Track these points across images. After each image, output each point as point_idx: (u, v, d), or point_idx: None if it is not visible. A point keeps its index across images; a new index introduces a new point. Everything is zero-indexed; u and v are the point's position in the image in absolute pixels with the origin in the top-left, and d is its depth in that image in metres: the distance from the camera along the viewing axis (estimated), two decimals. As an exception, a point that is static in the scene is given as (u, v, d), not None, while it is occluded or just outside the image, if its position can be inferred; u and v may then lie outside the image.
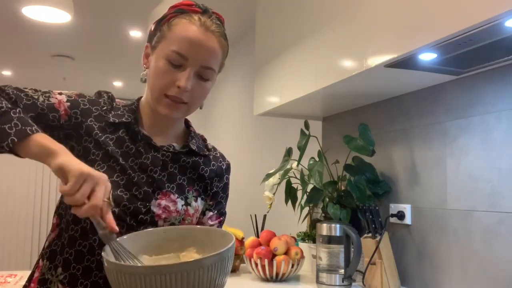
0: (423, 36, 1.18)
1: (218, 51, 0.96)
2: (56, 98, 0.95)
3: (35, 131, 0.82)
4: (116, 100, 1.04)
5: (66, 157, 0.79)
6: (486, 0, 1.00)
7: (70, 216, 0.94)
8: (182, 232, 0.90)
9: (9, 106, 0.85)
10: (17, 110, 0.84)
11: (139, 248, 0.84)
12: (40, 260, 1.00)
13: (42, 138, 0.82)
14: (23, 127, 0.82)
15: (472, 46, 1.18)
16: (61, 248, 0.95)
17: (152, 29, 1.00)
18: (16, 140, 0.81)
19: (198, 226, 1.03)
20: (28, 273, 1.02)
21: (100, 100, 1.00)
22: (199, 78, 0.95)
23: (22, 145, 0.82)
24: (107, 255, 0.78)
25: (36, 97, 0.93)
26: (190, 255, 0.86)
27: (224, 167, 1.11)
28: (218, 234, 0.87)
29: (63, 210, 0.98)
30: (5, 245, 5.99)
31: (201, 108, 1.06)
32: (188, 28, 0.93)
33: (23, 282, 1.75)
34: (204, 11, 0.97)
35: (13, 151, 0.83)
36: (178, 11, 0.96)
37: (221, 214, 1.12)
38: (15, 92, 0.91)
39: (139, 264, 0.81)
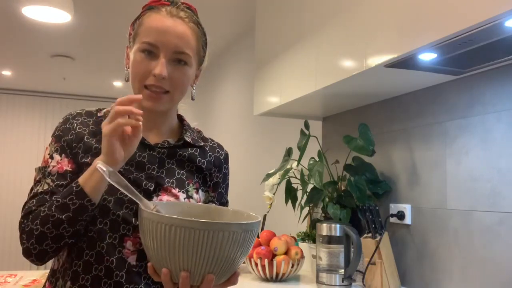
0: (423, 36, 1.18)
1: (189, 35, 0.98)
2: (53, 165, 0.97)
3: (77, 184, 0.88)
4: (104, 110, 1.05)
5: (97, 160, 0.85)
6: (486, 0, 1.00)
7: None
8: (207, 210, 0.92)
9: (46, 205, 0.89)
10: (53, 199, 0.89)
11: (174, 214, 0.86)
12: (47, 282, 1.00)
13: (83, 179, 0.88)
14: (73, 192, 0.87)
15: (472, 46, 1.18)
16: (70, 262, 0.95)
17: (129, 30, 1.04)
18: (89, 198, 0.87)
19: (225, 207, 1.05)
20: (28, 273, 1.02)
21: (68, 127, 1.00)
22: (176, 64, 0.97)
23: (92, 194, 0.87)
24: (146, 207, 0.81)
25: (47, 186, 0.95)
26: None
27: (222, 157, 1.12)
28: (245, 215, 0.89)
29: None
30: (5, 245, 5.99)
31: (193, 99, 1.07)
32: (156, 19, 0.97)
33: (23, 282, 1.76)
34: (172, 2, 1.00)
35: (97, 202, 0.89)
36: (148, 8, 1.00)
37: (223, 204, 1.12)
38: (34, 202, 0.93)
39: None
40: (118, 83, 5.74)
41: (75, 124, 1.00)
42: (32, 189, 0.96)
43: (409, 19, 1.25)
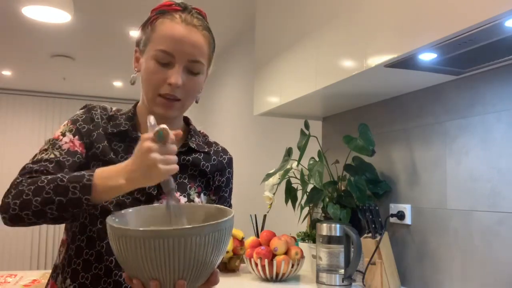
0: (423, 36, 1.18)
1: (203, 43, 0.98)
2: (65, 141, 0.96)
3: (90, 178, 0.82)
4: (114, 109, 1.06)
5: (125, 172, 0.81)
6: (486, 0, 1.00)
7: (76, 227, 0.95)
8: (184, 209, 0.91)
9: (50, 177, 0.84)
10: (60, 176, 0.84)
11: (143, 222, 0.86)
12: (51, 279, 1.01)
13: (99, 179, 0.83)
14: (80, 183, 0.82)
15: (472, 46, 1.18)
16: (69, 260, 0.96)
17: (139, 33, 1.03)
18: (89, 197, 0.81)
19: (199, 204, 1.05)
20: (28, 273, 1.02)
21: (89, 116, 1.01)
22: (189, 73, 0.97)
23: (95, 196, 0.82)
24: (112, 220, 0.79)
25: (52, 156, 0.92)
26: None
27: (225, 161, 1.12)
28: (216, 210, 0.89)
29: (68, 224, 0.99)
30: (5, 245, 5.99)
31: (197, 102, 1.07)
32: (170, 26, 0.96)
33: (23, 282, 1.76)
34: (184, 9, 1.00)
35: (95, 205, 0.84)
36: (159, 12, 0.99)
37: None
38: (38, 166, 0.90)
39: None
40: (118, 83, 5.74)
41: (96, 116, 1.01)
42: (35, 155, 0.93)
43: (409, 19, 1.25)
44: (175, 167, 0.80)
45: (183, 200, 1.01)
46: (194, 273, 0.75)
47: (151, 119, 0.83)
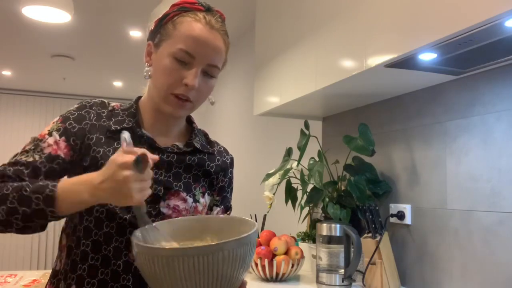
0: (423, 36, 1.18)
1: (223, 49, 0.98)
2: (49, 143, 0.92)
3: (52, 189, 0.80)
4: (112, 104, 1.02)
5: (92, 188, 0.78)
6: (486, 0, 1.00)
7: (80, 231, 0.93)
8: (199, 221, 0.91)
9: (15, 185, 0.82)
10: (25, 184, 0.82)
11: (157, 236, 0.85)
12: (48, 283, 0.99)
13: (63, 191, 0.80)
14: (43, 194, 0.79)
15: (472, 46, 1.18)
16: (72, 265, 0.93)
17: (153, 27, 1.00)
18: (53, 209, 0.79)
19: (216, 215, 1.05)
20: (28, 273, 1.01)
21: (84, 115, 0.97)
22: (205, 76, 0.96)
23: (60, 208, 0.80)
24: (139, 239, 0.78)
25: (31, 159, 0.89)
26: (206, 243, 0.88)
27: (228, 161, 1.12)
28: (237, 222, 0.87)
29: (70, 229, 0.96)
30: (5, 245, 5.99)
31: (212, 104, 1.06)
32: (195, 26, 0.94)
33: (23, 282, 1.76)
34: (208, 9, 0.98)
35: (60, 216, 0.82)
36: (181, 9, 0.96)
37: (227, 208, 1.12)
38: (11, 169, 0.87)
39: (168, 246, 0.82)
40: (118, 83, 5.74)
41: (92, 115, 0.98)
42: (16, 154, 0.91)
43: (409, 19, 1.25)
44: (149, 192, 0.79)
45: (189, 200, 0.99)
46: (227, 286, 0.75)
47: (126, 135, 0.81)
